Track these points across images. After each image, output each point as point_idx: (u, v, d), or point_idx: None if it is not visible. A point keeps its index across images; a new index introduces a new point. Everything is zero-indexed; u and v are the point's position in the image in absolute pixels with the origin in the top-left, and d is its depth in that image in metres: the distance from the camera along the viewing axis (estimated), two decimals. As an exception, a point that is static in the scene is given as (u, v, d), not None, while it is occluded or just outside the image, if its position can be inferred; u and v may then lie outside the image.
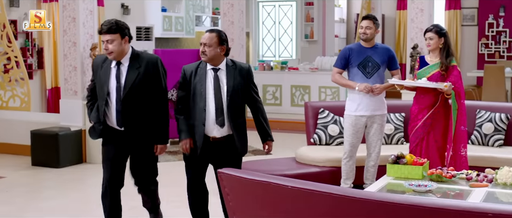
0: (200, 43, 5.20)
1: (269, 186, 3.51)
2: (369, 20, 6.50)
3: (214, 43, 5.13)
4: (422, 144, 6.36)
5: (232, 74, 5.22)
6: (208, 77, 5.19)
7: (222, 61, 5.22)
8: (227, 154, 5.26)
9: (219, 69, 5.21)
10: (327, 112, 7.63)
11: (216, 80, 5.18)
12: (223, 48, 5.18)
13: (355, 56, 6.50)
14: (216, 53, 5.15)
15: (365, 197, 3.25)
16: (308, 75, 13.33)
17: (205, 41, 5.14)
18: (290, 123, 11.93)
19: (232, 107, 5.19)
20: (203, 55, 5.16)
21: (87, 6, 9.03)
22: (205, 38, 5.15)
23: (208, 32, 5.20)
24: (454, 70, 6.34)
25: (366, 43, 6.52)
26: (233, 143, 5.24)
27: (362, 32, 6.48)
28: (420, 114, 6.37)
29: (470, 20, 15.73)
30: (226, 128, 5.19)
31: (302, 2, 16.78)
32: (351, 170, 6.67)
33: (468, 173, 5.38)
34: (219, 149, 5.24)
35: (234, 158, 5.32)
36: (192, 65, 5.32)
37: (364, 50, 6.51)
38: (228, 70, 5.23)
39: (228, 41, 5.27)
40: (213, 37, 5.14)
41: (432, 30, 6.38)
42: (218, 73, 5.20)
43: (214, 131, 5.19)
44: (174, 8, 14.44)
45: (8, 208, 6.55)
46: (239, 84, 5.22)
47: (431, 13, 10.09)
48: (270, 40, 17.22)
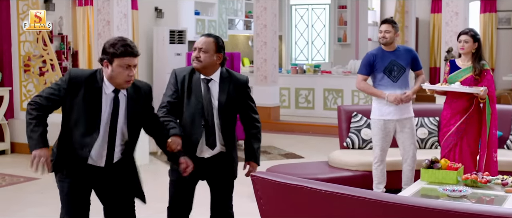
0: (193, 48, 4.53)
1: (303, 190, 3.50)
2: (388, 24, 6.44)
3: (211, 49, 4.46)
4: (456, 149, 6.29)
5: (226, 87, 4.52)
6: (202, 89, 4.51)
7: (216, 71, 4.53)
8: (220, 168, 4.63)
9: (212, 80, 4.52)
10: (360, 115, 7.60)
11: (206, 93, 4.49)
12: (220, 56, 4.49)
13: (379, 61, 6.45)
14: (211, 61, 4.46)
15: (398, 201, 3.22)
16: (341, 78, 13.27)
17: (200, 46, 4.46)
18: (322, 127, 11.90)
19: (224, 127, 4.53)
20: (196, 62, 4.46)
21: (121, 9, 9.10)
22: (201, 43, 4.47)
23: (205, 37, 4.52)
24: (488, 74, 6.27)
25: (387, 47, 6.48)
26: (227, 156, 4.61)
27: (381, 36, 6.43)
28: (453, 119, 6.29)
29: (506, 23, 15.55)
30: (217, 148, 4.56)
31: (335, 5, 16.74)
32: (382, 174, 6.62)
33: (504, 178, 5.31)
34: (210, 165, 4.60)
35: (228, 172, 4.69)
36: (185, 69, 4.62)
37: (387, 54, 6.46)
38: (222, 82, 4.53)
39: (224, 49, 4.56)
40: (210, 42, 4.47)
41: (468, 33, 6.30)
42: (209, 84, 4.51)
43: (204, 153, 4.54)
44: (207, 12, 14.50)
45: (43, 209, 6.63)
46: (233, 99, 4.54)
47: (466, 16, 10.00)
48: (303, 44, 17.22)
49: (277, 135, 11.62)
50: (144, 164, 8.00)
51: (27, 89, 9.99)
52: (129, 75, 4.00)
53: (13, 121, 9.97)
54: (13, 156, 9.65)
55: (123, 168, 4.22)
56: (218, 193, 4.72)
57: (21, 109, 9.99)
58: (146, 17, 12.84)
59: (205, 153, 4.54)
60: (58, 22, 11.43)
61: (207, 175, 4.64)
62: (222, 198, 4.73)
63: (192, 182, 4.62)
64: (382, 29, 6.45)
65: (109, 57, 3.99)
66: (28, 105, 4.01)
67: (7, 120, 9.85)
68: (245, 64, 15.40)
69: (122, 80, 4.01)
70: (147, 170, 7.88)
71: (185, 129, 4.49)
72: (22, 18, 9.86)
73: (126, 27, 9.19)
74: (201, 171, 4.55)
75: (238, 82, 4.58)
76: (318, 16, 17.00)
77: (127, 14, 9.24)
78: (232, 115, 4.58)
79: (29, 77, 9.98)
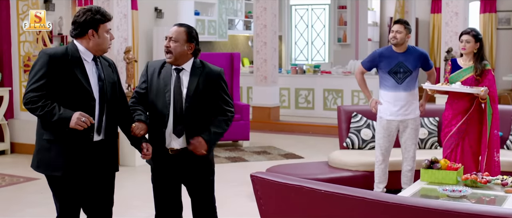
0: (165, 37, 4.50)
1: (302, 190, 3.50)
2: (400, 25, 6.44)
3: (181, 39, 4.42)
4: (457, 150, 6.28)
5: (196, 77, 4.45)
6: (172, 78, 4.46)
7: (188, 61, 4.48)
8: (195, 167, 4.52)
9: (183, 69, 4.47)
10: (360, 115, 7.60)
11: (177, 82, 4.44)
12: (191, 46, 4.45)
13: (385, 62, 6.45)
14: (182, 50, 4.41)
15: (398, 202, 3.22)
16: (341, 79, 13.28)
17: (171, 35, 4.44)
18: (322, 127, 11.90)
19: (191, 117, 4.40)
20: (167, 53, 4.44)
21: (121, 9, 9.10)
22: (171, 32, 4.45)
23: (177, 26, 4.49)
24: (489, 74, 6.25)
25: (397, 48, 6.47)
26: (196, 156, 4.45)
27: (392, 36, 6.42)
28: (454, 119, 6.29)
29: (506, 24, 15.55)
30: (183, 139, 4.44)
31: (335, 5, 16.75)
32: (384, 174, 6.63)
33: (504, 179, 5.31)
34: (184, 163, 4.50)
35: (204, 169, 4.58)
36: (158, 61, 4.59)
37: (396, 55, 6.45)
38: (193, 72, 4.47)
39: (198, 41, 4.51)
40: (181, 31, 4.43)
41: (470, 33, 6.28)
42: (180, 74, 4.46)
43: (172, 142, 4.45)
44: (207, 12, 14.50)
45: (42, 209, 6.63)
46: (203, 89, 4.44)
47: (466, 17, 10.00)
48: (303, 44, 17.22)
49: (277, 135, 11.62)
50: (143, 164, 7.99)
51: (27, 89, 9.99)
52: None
53: (13, 121, 9.97)
54: (13, 156, 9.65)
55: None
56: (197, 195, 4.59)
57: (21, 109, 9.99)
58: (146, 17, 12.84)
59: (174, 144, 4.44)
60: (58, 22, 11.41)
61: (183, 176, 4.56)
62: (202, 201, 4.60)
63: (171, 182, 4.55)
64: (394, 29, 6.44)
65: (95, 26, 4.16)
66: (25, 105, 4.03)
67: (7, 120, 9.85)
68: (245, 65, 15.41)
69: (107, 45, 4.24)
70: (144, 171, 7.86)
71: (153, 118, 4.47)
72: (22, 18, 9.86)
73: (126, 27, 9.19)
74: (174, 168, 4.50)
75: (211, 73, 4.50)
76: (318, 16, 17.00)
77: (127, 14, 9.24)
78: (202, 105, 4.45)
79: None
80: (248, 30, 16.09)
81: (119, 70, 8.84)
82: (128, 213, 6.48)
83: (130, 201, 6.94)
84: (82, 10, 4.22)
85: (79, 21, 4.17)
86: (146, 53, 12.80)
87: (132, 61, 8.84)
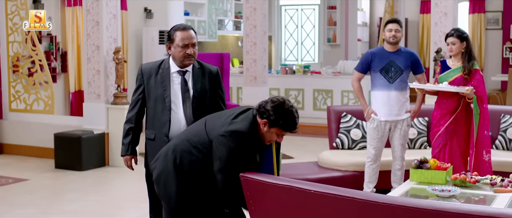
0: (184, 44, 4.37)
1: (292, 191, 3.50)
2: (397, 24, 6.41)
3: (196, 42, 4.44)
4: (445, 150, 6.30)
5: (199, 78, 4.45)
6: (174, 82, 4.42)
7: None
8: None
9: (187, 72, 4.45)
10: (349, 116, 7.60)
11: (184, 85, 4.41)
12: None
13: (377, 61, 6.45)
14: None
15: (388, 202, 3.23)
16: (330, 79, 13.30)
17: (193, 41, 4.41)
18: (312, 127, 11.90)
19: (198, 117, 4.30)
20: (192, 58, 4.41)
21: (111, 10, 9.08)
22: (192, 37, 4.41)
23: (191, 30, 4.45)
24: (477, 74, 6.26)
25: (390, 47, 6.46)
26: None
27: (392, 35, 6.39)
28: (443, 119, 6.30)
29: (495, 24, 15.61)
30: None
31: (324, 6, 16.76)
32: (374, 174, 6.64)
33: (493, 178, 5.32)
34: None
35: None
36: (153, 64, 4.53)
37: (387, 54, 6.45)
38: (195, 73, 4.46)
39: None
40: (195, 35, 4.44)
41: (454, 34, 6.28)
42: (185, 76, 4.44)
43: None
44: (196, 12, 14.49)
45: (32, 210, 6.60)
46: (206, 89, 4.46)
47: (455, 17, 10.02)
48: (293, 44, 17.22)
49: (267, 136, 11.59)
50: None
51: (16, 90, 9.96)
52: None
53: (1, 121, 9.92)
54: (2, 157, 9.60)
55: None
56: None
57: (10, 109, 9.96)
58: (136, 18, 12.82)
59: None
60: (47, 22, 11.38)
61: None
62: None
63: None
64: (392, 27, 6.39)
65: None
66: None
67: (-5, 120, 9.82)
68: (234, 65, 15.40)
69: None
70: (134, 172, 7.84)
71: (153, 123, 4.46)
72: (11, 18, 9.82)
73: (115, 28, 9.17)
74: None
75: (211, 72, 4.52)
76: (308, 16, 17.02)
77: (116, 15, 9.22)
78: (206, 105, 4.46)
79: (18, 77, 9.95)
80: (237, 30, 16.08)
81: (108, 71, 8.86)
82: (119, 213, 6.47)
83: (120, 202, 6.93)
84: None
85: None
86: (136, 54, 12.78)
87: (122, 61, 8.82)
